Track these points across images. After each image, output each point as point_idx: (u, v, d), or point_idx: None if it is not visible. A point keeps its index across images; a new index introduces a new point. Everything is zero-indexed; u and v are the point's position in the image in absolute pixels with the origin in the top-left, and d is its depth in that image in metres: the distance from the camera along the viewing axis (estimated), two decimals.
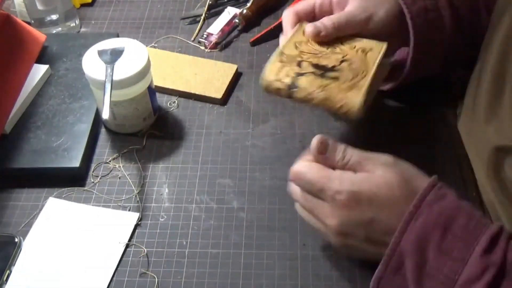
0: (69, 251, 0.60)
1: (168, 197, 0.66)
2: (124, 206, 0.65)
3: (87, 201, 0.65)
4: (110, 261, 0.59)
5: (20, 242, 0.60)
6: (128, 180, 0.67)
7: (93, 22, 0.91)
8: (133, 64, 0.66)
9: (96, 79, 0.65)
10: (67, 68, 0.79)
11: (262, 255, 0.59)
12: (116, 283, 0.58)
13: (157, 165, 0.69)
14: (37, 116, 0.73)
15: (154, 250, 0.60)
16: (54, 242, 0.61)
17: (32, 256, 0.60)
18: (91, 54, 0.68)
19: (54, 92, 0.76)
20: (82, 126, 0.71)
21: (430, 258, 0.47)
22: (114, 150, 0.71)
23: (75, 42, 0.83)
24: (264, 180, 0.67)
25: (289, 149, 0.70)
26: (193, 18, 0.91)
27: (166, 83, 0.77)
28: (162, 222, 0.63)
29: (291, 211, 0.63)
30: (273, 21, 0.89)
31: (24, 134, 0.70)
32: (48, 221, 0.63)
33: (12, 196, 0.66)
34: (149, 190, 0.66)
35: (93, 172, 0.68)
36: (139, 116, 0.70)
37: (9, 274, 0.58)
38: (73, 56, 0.81)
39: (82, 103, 0.74)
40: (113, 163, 0.69)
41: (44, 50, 0.81)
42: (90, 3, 0.94)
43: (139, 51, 0.68)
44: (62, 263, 0.59)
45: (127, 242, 0.61)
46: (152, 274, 0.58)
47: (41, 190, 0.66)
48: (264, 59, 0.81)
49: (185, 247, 0.61)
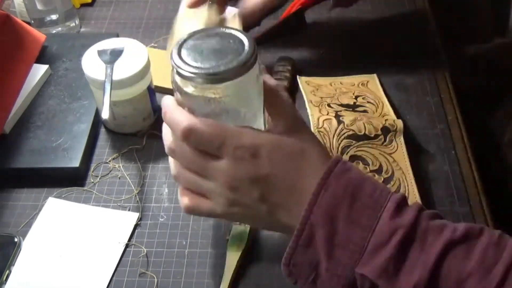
0: (68, 251, 0.60)
1: (168, 197, 0.65)
2: (123, 206, 0.65)
3: (86, 201, 0.65)
4: (110, 261, 0.59)
5: (20, 242, 0.60)
6: (128, 180, 0.67)
7: (93, 22, 0.91)
8: (133, 64, 0.66)
9: (96, 79, 0.65)
10: (66, 68, 0.79)
11: (261, 255, 0.59)
12: (116, 283, 0.58)
13: (157, 165, 0.69)
14: (37, 116, 0.73)
15: (153, 250, 0.60)
16: (53, 242, 0.61)
17: (31, 256, 0.60)
18: (91, 54, 0.68)
19: (54, 92, 0.76)
20: (82, 126, 0.71)
21: (340, 228, 0.46)
22: (114, 150, 0.71)
23: (75, 42, 0.83)
24: None
25: None
26: None
27: (166, 83, 0.77)
28: (161, 222, 0.63)
29: None
30: (273, 21, 0.89)
31: (23, 134, 0.70)
32: (47, 221, 0.63)
33: (11, 196, 0.66)
34: (149, 190, 0.66)
35: (92, 172, 0.68)
36: (139, 116, 0.70)
37: (9, 274, 0.58)
38: (73, 56, 0.81)
39: (81, 103, 0.74)
40: (112, 163, 0.69)
41: (44, 50, 0.81)
42: (90, 3, 0.94)
43: (139, 51, 0.68)
44: (61, 263, 0.59)
45: (127, 242, 0.61)
46: (152, 274, 0.58)
47: (40, 190, 0.66)
48: (264, 59, 0.82)
49: (185, 247, 0.61)
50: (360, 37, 0.86)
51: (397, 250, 0.44)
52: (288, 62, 0.79)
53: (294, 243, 0.48)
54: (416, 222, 0.45)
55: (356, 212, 0.46)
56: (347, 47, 0.85)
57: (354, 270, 0.45)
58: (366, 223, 0.46)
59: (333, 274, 0.46)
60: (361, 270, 0.45)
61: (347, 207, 0.46)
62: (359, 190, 0.47)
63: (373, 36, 0.86)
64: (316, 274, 0.48)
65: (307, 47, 0.85)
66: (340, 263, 0.46)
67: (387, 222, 0.45)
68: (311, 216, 0.47)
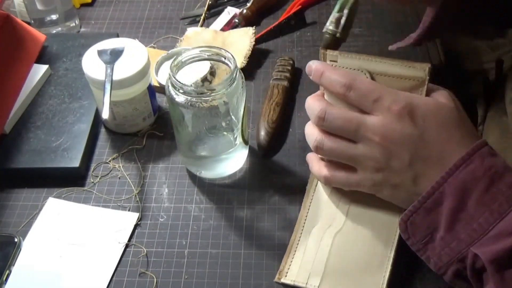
0: (68, 251, 0.60)
1: (168, 197, 0.65)
2: (123, 206, 0.65)
3: (86, 201, 0.65)
4: (110, 261, 0.59)
5: (20, 242, 0.60)
6: (128, 180, 0.67)
7: (93, 22, 0.91)
8: (133, 64, 0.66)
9: (96, 79, 0.65)
10: (66, 68, 0.79)
11: (262, 255, 0.59)
12: (116, 283, 0.58)
13: (157, 165, 0.69)
14: (37, 116, 0.73)
15: (153, 250, 0.60)
16: (53, 242, 0.61)
17: (31, 256, 0.60)
18: (91, 54, 0.68)
19: (54, 92, 0.76)
20: (82, 126, 0.71)
21: (469, 205, 0.47)
22: (114, 150, 0.71)
23: (75, 42, 0.83)
24: (264, 180, 0.67)
25: (289, 149, 0.70)
26: (193, 18, 0.91)
27: None
28: (161, 222, 0.63)
29: (291, 210, 0.63)
30: (273, 21, 0.89)
31: (23, 134, 0.70)
32: (47, 221, 0.63)
33: (12, 196, 0.66)
34: (148, 190, 0.66)
35: (92, 172, 0.68)
36: (139, 116, 0.70)
37: (9, 274, 0.58)
38: (73, 56, 0.81)
39: (81, 103, 0.74)
40: (112, 163, 0.69)
41: (44, 50, 0.81)
42: (90, 3, 0.94)
43: (139, 51, 0.68)
44: (61, 263, 0.59)
45: (127, 242, 0.61)
46: (152, 274, 0.58)
47: (40, 190, 0.66)
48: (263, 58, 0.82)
49: (185, 247, 0.61)
50: (360, 37, 0.86)
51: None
52: (288, 62, 0.79)
53: (419, 203, 0.49)
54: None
55: (490, 196, 0.47)
56: (347, 48, 0.84)
57: (469, 248, 0.46)
58: (497, 209, 0.46)
59: (446, 244, 0.48)
60: (477, 250, 0.45)
61: (482, 188, 0.47)
62: (499, 177, 0.47)
63: (374, 36, 0.86)
64: (430, 238, 0.49)
65: (307, 47, 0.85)
66: (458, 237, 0.47)
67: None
68: (444, 185, 0.48)
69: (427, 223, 0.49)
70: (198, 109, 0.58)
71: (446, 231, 0.48)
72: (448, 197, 0.48)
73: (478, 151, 0.48)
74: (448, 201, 0.48)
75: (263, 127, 0.69)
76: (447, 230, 0.48)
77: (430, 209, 0.49)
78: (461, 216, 0.47)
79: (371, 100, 0.51)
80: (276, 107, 0.72)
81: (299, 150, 0.69)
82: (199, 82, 0.71)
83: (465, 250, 0.47)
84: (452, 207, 0.48)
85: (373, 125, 0.51)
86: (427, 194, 0.49)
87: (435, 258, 0.49)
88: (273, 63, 0.80)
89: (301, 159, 0.68)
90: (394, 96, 0.51)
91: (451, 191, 0.48)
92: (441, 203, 0.48)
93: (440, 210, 0.48)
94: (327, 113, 0.53)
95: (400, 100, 0.50)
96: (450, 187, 0.48)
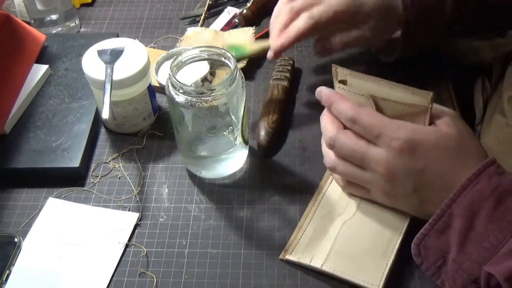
0: (68, 251, 0.60)
1: (168, 197, 0.65)
2: (123, 206, 0.65)
3: (86, 201, 0.65)
4: (110, 261, 0.59)
5: (20, 242, 0.60)
6: (128, 180, 0.67)
7: (93, 22, 0.91)
8: (133, 64, 0.66)
9: (96, 79, 0.65)
10: (67, 68, 0.79)
11: (262, 255, 0.59)
12: (116, 283, 0.58)
13: (157, 165, 0.69)
14: (37, 116, 0.73)
15: (153, 250, 0.60)
16: (53, 242, 0.61)
17: (31, 256, 0.60)
18: (90, 54, 0.68)
19: (54, 92, 0.76)
20: (82, 126, 0.71)
21: (478, 225, 0.47)
22: (114, 150, 0.71)
23: (75, 42, 0.83)
24: (264, 180, 0.67)
25: (289, 149, 0.70)
26: (193, 18, 0.91)
27: None
28: (161, 222, 0.63)
29: (291, 210, 0.63)
30: None
31: (23, 134, 0.70)
32: (47, 221, 0.63)
33: (11, 196, 0.66)
34: (148, 190, 0.66)
35: (92, 172, 0.68)
36: (139, 116, 0.70)
37: (9, 274, 0.58)
38: (73, 56, 0.81)
39: (81, 103, 0.74)
40: (112, 163, 0.69)
41: (44, 50, 0.81)
42: (90, 3, 0.95)
43: (138, 51, 0.68)
44: (61, 263, 0.59)
45: (127, 242, 0.61)
46: (152, 274, 0.58)
47: (40, 190, 0.66)
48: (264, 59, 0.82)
49: (185, 247, 0.61)
50: None
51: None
52: (288, 62, 0.79)
53: (430, 225, 0.50)
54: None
55: (498, 214, 0.47)
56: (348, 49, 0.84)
57: (482, 267, 0.46)
58: (506, 226, 0.46)
59: (460, 265, 0.48)
60: (489, 269, 0.45)
61: (490, 207, 0.47)
62: (508, 196, 0.48)
63: None
64: (443, 261, 0.49)
65: (307, 47, 0.85)
66: (469, 257, 0.47)
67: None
68: (453, 206, 0.49)
69: (439, 245, 0.50)
70: (198, 109, 0.58)
71: (458, 252, 0.48)
72: (457, 218, 0.48)
73: (484, 171, 0.49)
74: (457, 221, 0.48)
75: (263, 127, 0.69)
76: (458, 250, 0.48)
77: (441, 231, 0.50)
78: (471, 235, 0.48)
79: (373, 135, 0.53)
80: (276, 107, 0.72)
81: (299, 150, 0.70)
82: (199, 82, 0.72)
83: (477, 270, 0.47)
84: (462, 227, 0.48)
85: (376, 157, 0.53)
86: (437, 216, 0.50)
87: (450, 281, 0.49)
88: (273, 63, 0.80)
89: (301, 159, 0.68)
90: (395, 131, 0.52)
91: (459, 212, 0.48)
92: (450, 224, 0.49)
93: (450, 232, 0.49)
94: (336, 141, 0.56)
95: (401, 136, 0.52)
96: (459, 207, 0.48)
